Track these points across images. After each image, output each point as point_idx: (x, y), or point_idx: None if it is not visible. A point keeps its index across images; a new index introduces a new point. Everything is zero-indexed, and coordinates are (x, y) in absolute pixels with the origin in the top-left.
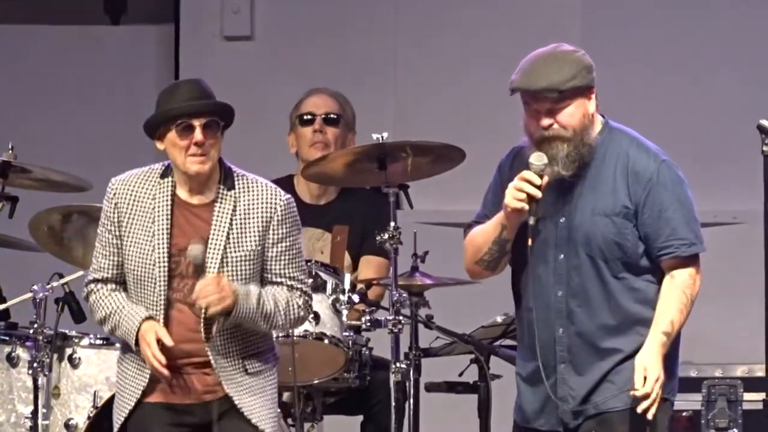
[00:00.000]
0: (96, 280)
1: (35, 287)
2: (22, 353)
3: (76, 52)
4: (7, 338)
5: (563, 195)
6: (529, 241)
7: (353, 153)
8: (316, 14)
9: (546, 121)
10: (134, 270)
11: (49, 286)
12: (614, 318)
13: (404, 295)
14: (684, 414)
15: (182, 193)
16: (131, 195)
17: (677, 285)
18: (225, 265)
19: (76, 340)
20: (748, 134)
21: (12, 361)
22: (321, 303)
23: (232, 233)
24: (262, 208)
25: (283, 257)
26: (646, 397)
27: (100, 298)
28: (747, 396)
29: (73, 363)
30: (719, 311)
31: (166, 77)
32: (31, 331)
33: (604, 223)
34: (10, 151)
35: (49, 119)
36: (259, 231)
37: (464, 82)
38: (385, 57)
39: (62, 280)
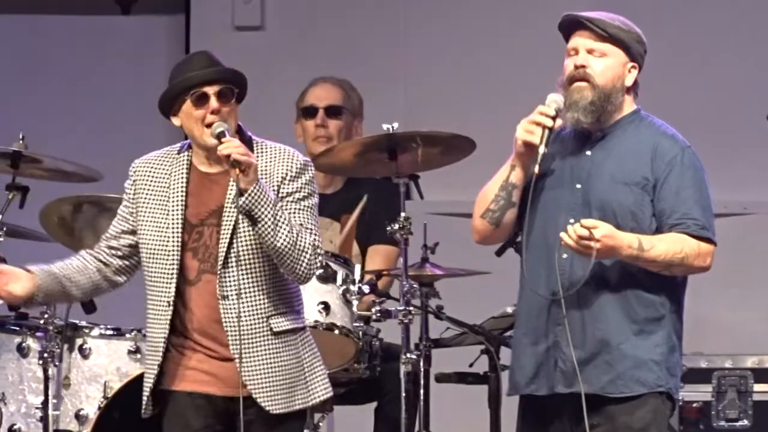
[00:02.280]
0: (93, 249)
1: None
2: (33, 344)
3: (87, 43)
4: (18, 329)
5: (582, 163)
6: (536, 169)
7: (363, 143)
8: (326, 4)
9: (581, 59)
10: (148, 244)
11: None
12: (614, 287)
13: (414, 285)
14: (694, 405)
15: (200, 165)
16: (150, 172)
17: (681, 239)
18: (239, 228)
19: (87, 331)
20: (758, 125)
21: (22, 351)
22: (331, 293)
23: None
24: (278, 168)
25: (292, 206)
26: (576, 235)
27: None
28: (757, 387)
29: (84, 353)
30: (729, 302)
31: None
32: (42, 322)
33: (622, 190)
34: (21, 141)
35: (59, 109)
36: (275, 191)
37: (474, 72)
38: (395, 47)
39: None
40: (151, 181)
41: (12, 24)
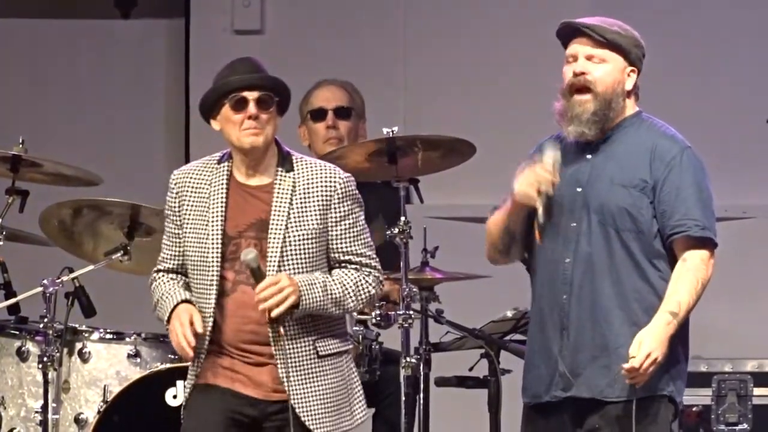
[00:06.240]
0: (159, 270)
1: (45, 281)
2: (32, 347)
3: (87, 46)
4: (18, 332)
5: (583, 166)
6: (538, 239)
7: (363, 147)
8: (326, 8)
9: (580, 66)
10: (191, 255)
11: (59, 280)
12: (614, 290)
13: (414, 289)
14: (694, 409)
15: (239, 176)
16: (191, 183)
17: (689, 268)
18: (287, 245)
19: (86, 335)
20: (757, 129)
21: (22, 355)
22: None
23: (293, 213)
24: (321, 187)
25: (347, 234)
26: (633, 370)
27: (157, 285)
28: (757, 391)
29: (83, 357)
30: (729, 306)
31: (177, 71)
32: (41, 326)
33: (621, 193)
34: (21, 145)
35: (59, 113)
36: (319, 210)
37: (475, 76)
38: (395, 51)
39: (72, 275)
40: (193, 191)
41: (11, 28)
